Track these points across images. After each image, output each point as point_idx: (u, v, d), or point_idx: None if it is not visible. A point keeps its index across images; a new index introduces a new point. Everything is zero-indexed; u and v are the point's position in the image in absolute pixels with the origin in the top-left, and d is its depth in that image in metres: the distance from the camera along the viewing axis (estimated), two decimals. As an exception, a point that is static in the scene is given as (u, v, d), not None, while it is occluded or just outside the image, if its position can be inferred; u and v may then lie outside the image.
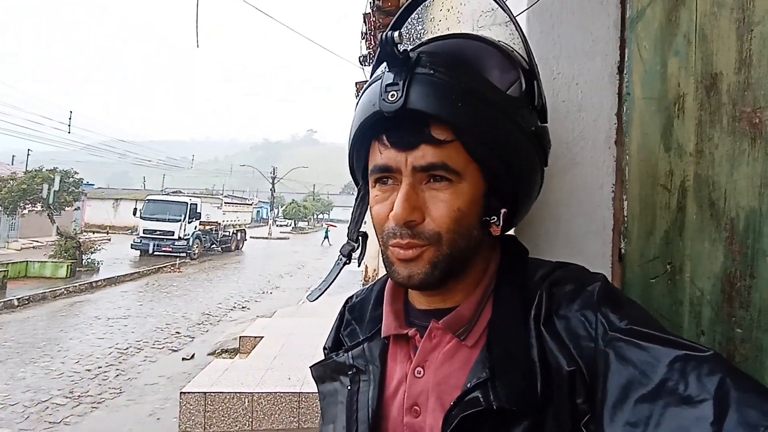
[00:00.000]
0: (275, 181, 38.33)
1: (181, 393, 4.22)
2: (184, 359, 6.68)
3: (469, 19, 0.91)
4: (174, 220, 18.18)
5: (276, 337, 6.01)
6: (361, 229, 0.65)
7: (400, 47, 0.50)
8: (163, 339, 7.64)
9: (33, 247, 18.15)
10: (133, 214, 19.05)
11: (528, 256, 0.60)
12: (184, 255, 17.85)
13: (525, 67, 0.55)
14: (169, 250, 17.65)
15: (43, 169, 14.44)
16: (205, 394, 4.17)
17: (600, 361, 0.45)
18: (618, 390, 0.43)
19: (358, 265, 0.70)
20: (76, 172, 15.06)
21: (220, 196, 25.73)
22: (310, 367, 0.67)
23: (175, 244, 17.87)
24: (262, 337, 6.06)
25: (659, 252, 0.64)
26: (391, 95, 0.50)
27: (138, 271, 14.31)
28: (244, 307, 10.27)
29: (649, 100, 0.68)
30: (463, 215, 0.52)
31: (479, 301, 0.56)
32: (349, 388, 0.60)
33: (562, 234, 0.76)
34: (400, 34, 0.49)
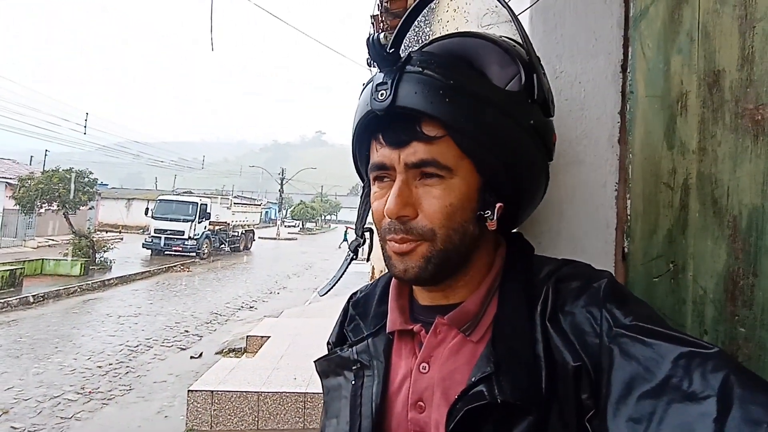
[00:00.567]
0: (284, 182, 38.56)
1: (188, 391, 4.27)
2: (192, 358, 6.74)
3: (475, 18, 0.91)
4: (184, 220, 18.36)
5: (283, 337, 6.04)
6: (367, 225, 0.65)
7: (399, 49, 0.51)
8: (172, 337, 7.72)
9: (49, 246, 18.47)
10: (145, 213, 19.26)
11: (534, 253, 0.61)
12: (194, 254, 18.05)
13: (525, 61, 0.55)
14: (179, 249, 17.84)
15: (59, 169, 14.67)
16: (212, 392, 4.21)
17: (604, 357, 0.45)
18: (622, 386, 0.43)
19: (367, 260, 0.70)
20: (91, 172, 15.28)
21: (230, 197, 25.94)
22: (314, 362, 0.67)
23: (185, 243, 18.05)
24: (269, 337, 6.10)
25: (662, 250, 0.64)
26: (381, 94, 0.51)
27: (149, 270, 14.48)
28: (251, 307, 10.33)
29: (652, 98, 0.67)
30: (455, 210, 0.52)
31: (484, 297, 0.56)
32: (353, 383, 0.60)
33: (564, 232, 0.75)
34: (386, 37, 0.51)
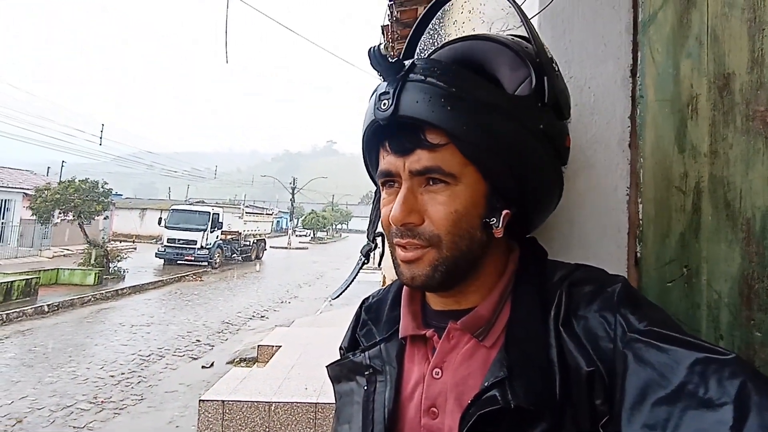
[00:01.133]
0: (295, 192, 38.82)
1: (200, 401, 4.27)
2: (203, 367, 6.77)
3: (491, 18, 0.92)
4: (197, 230, 18.53)
5: (294, 347, 6.03)
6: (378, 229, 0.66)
7: (413, 56, 0.51)
8: (184, 347, 7.76)
9: (64, 255, 18.77)
10: (158, 223, 19.49)
11: (547, 257, 0.60)
12: (206, 264, 18.19)
13: (536, 63, 0.55)
14: (192, 258, 17.98)
15: (75, 180, 14.96)
16: (223, 402, 4.20)
17: (618, 363, 0.45)
18: (636, 391, 0.42)
19: (378, 265, 0.71)
20: (105, 183, 15.54)
21: (242, 207, 26.17)
22: (326, 367, 0.67)
23: (198, 253, 18.20)
24: (280, 347, 6.09)
25: (675, 255, 0.63)
26: (383, 104, 0.51)
27: (161, 280, 14.61)
28: (263, 316, 10.35)
29: (662, 102, 0.67)
30: (461, 217, 0.52)
31: (497, 302, 0.56)
32: (365, 388, 0.60)
33: (576, 237, 0.75)
34: (386, 47, 0.51)
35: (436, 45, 0.64)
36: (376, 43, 0.51)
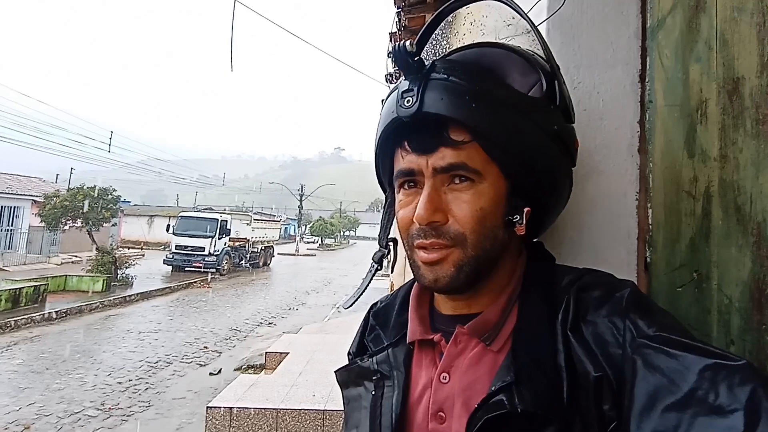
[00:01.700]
0: (303, 199, 38.98)
1: (207, 407, 4.27)
2: (211, 374, 6.78)
3: (492, 30, 0.93)
4: (205, 237, 18.63)
5: (301, 354, 6.02)
6: (390, 235, 0.66)
7: (421, 56, 0.52)
8: (192, 353, 7.78)
9: (72, 262, 18.95)
10: (167, 230, 19.63)
11: (555, 262, 0.60)
12: (214, 270, 18.25)
13: (546, 69, 0.56)
14: (200, 265, 18.06)
15: (84, 187, 15.13)
16: (230, 409, 4.20)
17: (627, 368, 0.44)
18: (645, 397, 0.42)
19: (391, 271, 0.70)
20: (114, 190, 15.71)
21: (250, 213, 26.29)
22: (334, 372, 0.67)
23: (206, 259, 18.29)
24: (288, 353, 6.08)
25: (685, 260, 0.63)
26: (407, 101, 0.52)
27: (169, 286, 14.71)
28: (270, 323, 10.36)
29: (671, 107, 0.67)
30: (486, 215, 0.52)
31: (505, 306, 0.56)
32: (373, 393, 0.60)
33: (585, 243, 0.75)
34: (412, 44, 0.51)
35: (438, 55, 0.65)
36: (402, 42, 0.51)
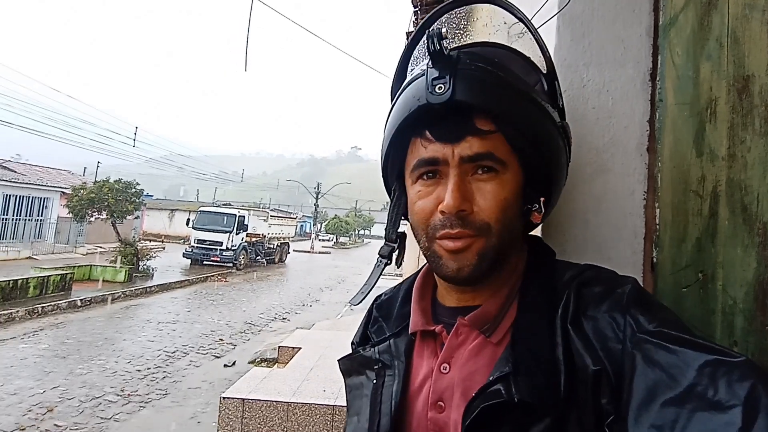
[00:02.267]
0: (319, 196, 39.26)
1: (221, 398, 4.35)
2: (225, 366, 6.89)
3: (500, 30, 0.93)
4: (223, 231, 18.89)
5: (313, 349, 6.08)
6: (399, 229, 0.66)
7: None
8: (208, 345, 7.92)
9: (97, 252, 19.49)
10: (186, 224, 19.97)
11: (554, 257, 0.61)
12: (231, 265, 18.51)
13: (545, 69, 0.58)
14: (217, 259, 18.35)
15: (109, 180, 15.53)
16: (243, 400, 4.27)
17: (627, 363, 0.45)
18: (644, 392, 0.42)
19: (398, 266, 0.70)
20: (137, 183, 16.06)
21: (267, 210, 26.57)
22: (338, 360, 0.69)
23: (223, 254, 18.55)
24: (300, 348, 6.15)
25: (691, 260, 0.62)
26: (438, 88, 0.52)
27: (188, 279, 14.98)
28: (284, 318, 10.47)
29: (681, 105, 0.66)
30: (509, 205, 0.53)
31: (505, 299, 0.57)
32: (374, 381, 0.62)
33: (591, 241, 0.74)
34: (447, 30, 0.52)
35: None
36: (436, 27, 0.52)
